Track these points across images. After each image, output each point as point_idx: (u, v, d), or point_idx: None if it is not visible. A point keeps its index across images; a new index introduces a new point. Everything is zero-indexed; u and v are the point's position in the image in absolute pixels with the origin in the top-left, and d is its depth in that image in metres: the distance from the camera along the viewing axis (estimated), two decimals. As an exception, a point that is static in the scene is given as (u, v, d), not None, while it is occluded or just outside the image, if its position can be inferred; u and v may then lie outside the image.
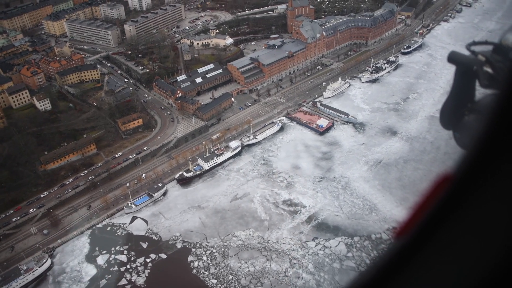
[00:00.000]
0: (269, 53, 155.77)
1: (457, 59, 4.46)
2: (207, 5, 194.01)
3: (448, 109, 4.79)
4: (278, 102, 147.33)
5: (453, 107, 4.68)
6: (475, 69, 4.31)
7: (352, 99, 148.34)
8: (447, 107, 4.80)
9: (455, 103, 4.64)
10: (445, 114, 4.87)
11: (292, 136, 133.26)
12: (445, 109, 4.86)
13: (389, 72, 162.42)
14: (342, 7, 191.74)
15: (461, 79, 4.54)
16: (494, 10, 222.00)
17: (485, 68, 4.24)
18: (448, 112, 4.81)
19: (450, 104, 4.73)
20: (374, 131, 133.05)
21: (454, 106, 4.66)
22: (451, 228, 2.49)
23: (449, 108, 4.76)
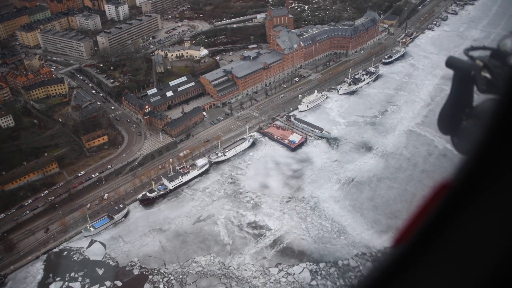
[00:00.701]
0: (244, 65, 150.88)
1: (455, 64, 4.49)
2: (185, 15, 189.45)
3: (446, 114, 4.79)
4: (251, 116, 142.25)
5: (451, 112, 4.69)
6: (473, 74, 4.31)
7: (328, 113, 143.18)
8: (445, 112, 4.80)
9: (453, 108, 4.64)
10: (443, 119, 4.86)
11: (263, 152, 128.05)
12: (443, 114, 4.85)
13: (368, 83, 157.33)
14: (323, 16, 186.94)
15: (459, 84, 4.56)
16: (480, 18, 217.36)
17: (483, 74, 4.25)
18: (446, 117, 4.79)
19: (448, 109, 4.74)
20: (348, 147, 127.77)
21: (452, 111, 4.67)
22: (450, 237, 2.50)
23: (447, 113, 4.77)
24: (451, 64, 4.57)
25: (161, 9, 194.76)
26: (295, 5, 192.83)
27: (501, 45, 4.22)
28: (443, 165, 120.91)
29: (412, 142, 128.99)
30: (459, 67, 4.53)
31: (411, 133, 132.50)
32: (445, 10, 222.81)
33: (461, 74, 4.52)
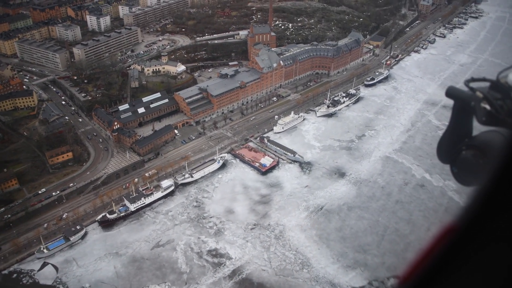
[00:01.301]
0: (220, 83, 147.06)
1: (455, 94, 4.55)
2: (167, 29, 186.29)
3: (446, 143, 4.87)
4: (224, 136, 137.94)
5: (450, 141, 4.77)
6: (473, 105, 4.37)
7: (303, 135, 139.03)
8: (445, 141, 4.89)
9: (453, 138, 4.73)
10: (443, 148, 4.94)
11: (232, 175, 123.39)
12: (442, 143, 4.94)
13: (348, 105, 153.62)
14: (307, 34, 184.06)
15: (458, 114, 4.61)
16: (468, 42, 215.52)
17: (483, 105, 4.30)
18: (445, 146, 4.87)
19: (448, 138, 4.82)
20: (321, 172, 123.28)
21: (451, 140, 4.76)
22: (454, 279, 2.57)
23: (446, 142, 4.85)
24: (451, 94, 4.58)
25: (143, 22, 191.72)
26: (279, 22, 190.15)
27: (501, 77, 4.32)
28: (420, 196, 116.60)
29: (388, 169, 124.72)
30: (459, 97, 4.52)
31: (387, 160, 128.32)
32: (433, 33, 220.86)
33: (461, 104, 4.52)
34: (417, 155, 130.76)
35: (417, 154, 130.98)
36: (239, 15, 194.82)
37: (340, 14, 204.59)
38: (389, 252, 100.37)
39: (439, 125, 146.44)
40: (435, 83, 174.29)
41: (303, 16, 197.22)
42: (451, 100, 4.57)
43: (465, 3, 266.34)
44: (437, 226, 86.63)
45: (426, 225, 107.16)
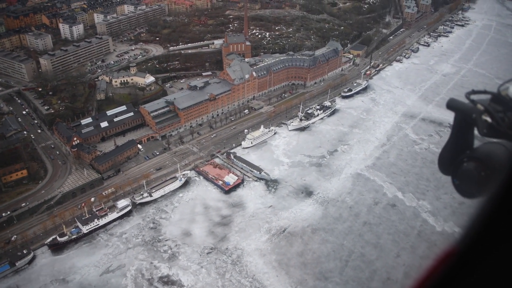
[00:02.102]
0: (189, 96, 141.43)
1: (456, 106, 4.59)
2: (141, 38, 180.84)
3: (447, 154, 4.88)
4: (190, 151, 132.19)
5: (451, 153, 4.81)
6: (474, 117, 4.43)
7: (273, 150, 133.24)
8: (446, 152, 4.91)
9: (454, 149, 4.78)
10: (444, 159, 4.94)
11: (194, 194, 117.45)
12: (443, 154, 4.95)
13: (322, 118, 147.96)
14: (284, 44, 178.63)
15: (459, 126, 4.67)
16: (453, 51, 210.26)
17: (484, 117, 4.37)
18: (447, 158, 4.88)
19: (449, 150, 4.85)
20: (287, 191, 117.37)
21: (452, 152, 4.80)
22: None
23: (448, 153, 4.87)
24: (452, 106, 4.62)
25: (117, 31, 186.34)
26: (256, 31, 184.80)
27: (502, 90, 4.41)
28: (390, 217, 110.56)
29: (358, 187, 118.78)
30: (460, 110, 4.56)
31: (358, 177, 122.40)
32: (417, 41, 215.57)
33: (462, 116, 4.57)
34: (391, 172, 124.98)
35: (391, 171, 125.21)
36: (215, 24, 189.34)
37: (320, 22, 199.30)
38: (352, 280, 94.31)
39: (416, 139, 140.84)
40: (415, 94, 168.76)
41: (281, 25, 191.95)
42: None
43: (451, 11, 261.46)
44: (407, 252, 78.72)
45: (395, 250, 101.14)
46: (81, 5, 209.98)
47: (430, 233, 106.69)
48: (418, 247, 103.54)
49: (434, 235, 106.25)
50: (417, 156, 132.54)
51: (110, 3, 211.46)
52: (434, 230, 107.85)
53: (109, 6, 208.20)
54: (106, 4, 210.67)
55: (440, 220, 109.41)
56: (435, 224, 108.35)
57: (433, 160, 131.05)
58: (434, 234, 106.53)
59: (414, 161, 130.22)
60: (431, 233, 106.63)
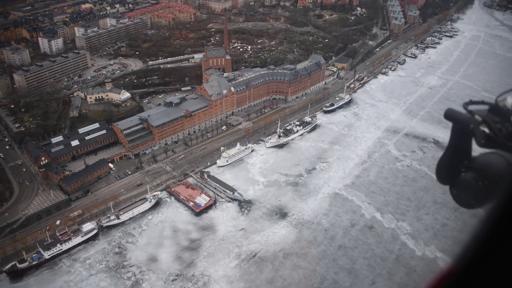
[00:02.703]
0: (163, 112, 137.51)
1: (453, 117, 4.64)
2: (121, 52, 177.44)
3: (445, 164, 4.92)
4: (163, 170, 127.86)
5: (449, 163, 4.84)
6: (472, 128, 4.48)
7: (249, 169, 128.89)
8: (444, 162, 4.95)
9: (452, 159, 4.81)
10: (442, 169, 4.97)
11: (163, 216, 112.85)
12: (441, 164, 4.99)
13: (302, 135, 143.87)
14: (266, 57, 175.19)
15: (457, 136, 4.71)
16: (440, 63, 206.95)
17: (482, 128, 4.42)
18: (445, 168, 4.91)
19: (447, 160, 4.89)
20: (260, 212, 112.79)
21: (450, 161, 4.83)
22: None
23: (446, 163, 4.91)
24: (450, 116, 4.67)
25: (97, 45, 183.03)
26: (238, 45, 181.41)
27: (499, 101, 4.46)
28: (367, 240, 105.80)
29: (334, 208, 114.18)
30: (458, 120, 4.61)
31: (336, 197, 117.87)
32: (404, 53, 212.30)
33: (460, 126, 4.61)
34: (370, 191, 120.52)
35: (370, 190, 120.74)
36: (196, 37, 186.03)
37: (304, 35, 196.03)
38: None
39: (398, 156, 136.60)
40: (399, 108, 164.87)
41: (264, 38, 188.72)
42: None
43: (440, 22, 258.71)
44: (383, 279, 72.52)
45: (370, 276, 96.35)
46: (64, 19, 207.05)
47: (409, 258, 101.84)
48: (395, 273, 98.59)
49: (413, 260, 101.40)
50: (399, 174, 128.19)
51: (93, 16, 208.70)
52: (413, 254, 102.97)
53: (91, 20, 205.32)
54: (89, 17, 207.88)
55: (420, 244, 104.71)
56: (415, 248, 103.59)
57: (415, 178, 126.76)
58: (414, 259, 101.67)
59: (395, 179, 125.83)
60: (410, 258, 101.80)
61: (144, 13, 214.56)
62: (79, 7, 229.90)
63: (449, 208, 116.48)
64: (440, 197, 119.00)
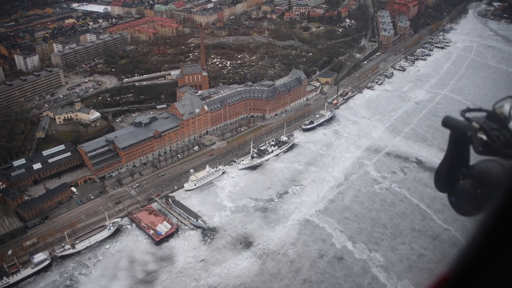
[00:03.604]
0: (131, 133, 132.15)
1: (451, 124, 4.65)
2: (97, 69, 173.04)
3: (443, 172, 4.91)
4: (127, 195, 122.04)
5: (447, 170, 4.83)
6: (469, 135, 4.49)
7: (217, 193, 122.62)
8: (442, 169, 4.92)
9: (450, 167, 4.79)
10: (440, 176, 4.97)
11: (122, 245, 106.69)
12: (439, 172, 4.97)
13: (277, 155, 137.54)
14: (246, 73, 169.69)
15: (455, 144, 4.71)
16: (429, 76, 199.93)
17: (479, 135, 4.45)
18: (443, 175, 4.91)
19: (445, 167, 4.87)
20: (224, 241, 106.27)
21: (448, 169, 4.81)
22: None
23: (444, 171, 4.89)
24: (448, 124, 4.68)
25: (73, 62, 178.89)
26: (217, 60, 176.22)
27: (497, 108, 4.48)
28: (335, 273, 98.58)
29: (303, 237, 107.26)
30: (456, 127, 4.62)
31: (306, 224, 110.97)
32: (392, 66, 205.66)
33: (458, 134, 4.62)
34: (343, 217, 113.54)
35: (343, 216, 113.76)
36: (174, 53, 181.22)
37: (286, 49, 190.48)
38: None
39: (377, 177, 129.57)
40: (383, 125, 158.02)
41: (244, 52, 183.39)
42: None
43: (432, 33, 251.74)
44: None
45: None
46: (44, 35, 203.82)
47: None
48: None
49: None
50: (376, 198, 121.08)
51: (73, 32, 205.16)
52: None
53: (71, 35, 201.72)
54: (70, 33, 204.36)
55: (393, 277, 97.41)
56: (387, 282, 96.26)
57: (393, 202, 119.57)
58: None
59: (371, 204, 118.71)
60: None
61: (126, 28, 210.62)
62: (62, 23, 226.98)
63: (428, 236, 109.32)
64: (418, 223, 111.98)
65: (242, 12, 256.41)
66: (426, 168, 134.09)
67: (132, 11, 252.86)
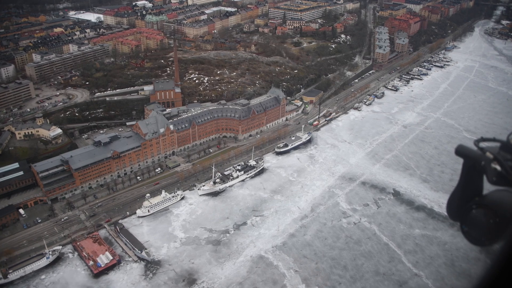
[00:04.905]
0: (88, 153, 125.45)
1: (465, 153, 4.67)
2: (71, 82, 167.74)
3: (455, 200, 4.91)
4: (77, 219, 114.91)
5: (460, 199, 4.83)
6: (483, 165, 4.50)
7: (171, 221, 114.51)
8: (455, 198, 4.92)
9: (462, 196, 4.79)
10: (452, 205, 4.96)
11: (58, 276, 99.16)
12: (452, 201, 4.97)
13: (244, 180, 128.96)
14: (223, 90, 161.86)
15: (468, 173, 4.69)
16: (423, 97, 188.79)
17: (493, 165, 4.44)
18: (456, 204, 4.91)
19: (458, 196, 4.87)
20: (166, 277, 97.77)
21: (461, 198, 4.81)
22: None
23: (457, 199, 4.89)
24: (461, 152, 4.67)
25: (49, 73, 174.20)
26: (195, 76, 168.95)
27: (511, 138, 4.50)
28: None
29: (253, 276, 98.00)
30: (469, 157, 4.60)
31: (259, 262, 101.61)
32: (384, 85, 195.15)
33: (471, 163, 4.60)
34: (301, 255, 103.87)
35: (302, 254, 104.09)
36: (152, 67, 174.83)
37: (270, 65, 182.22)
38: None
39: (347, 210, 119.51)
40: (363, 150, 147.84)
41: (225, 68, 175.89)
42: None
43: (432, 51, 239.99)
44: None
45: None
46: (28, 44, 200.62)
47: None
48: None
49: None
50: (341, 234, 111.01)
51: (57, 42, 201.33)
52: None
53: (54, 45, 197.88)
54: (53, 43, 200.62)
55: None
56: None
57: (359, 239, 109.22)
58: None
59: (335, 241, 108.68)
60: None
61: (111, 38, 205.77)
62: (50, 31, 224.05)
63: (393, 281, 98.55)
64: (384, 266, 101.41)
65: (235, 24, 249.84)
66: (403, 201, 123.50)
67: (124, 21, 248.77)
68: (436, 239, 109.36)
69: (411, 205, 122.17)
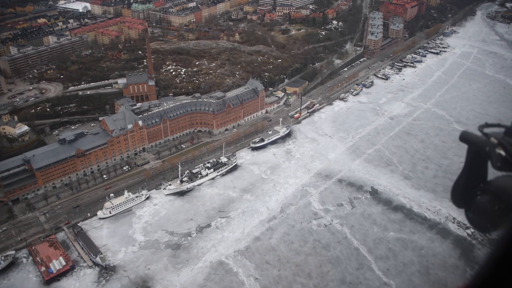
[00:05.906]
0: (52, 152, 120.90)
1: (468, 139, 4.63)
2: (46, 75, 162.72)
3: (460, 187, 4.86)
4: (36, 221, 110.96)
5: (464, 186, 4.80)
6: (488, 151, 4.46)
7: (132, 224, 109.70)
8: (459, 185, 4.88)
9: (467, 182, 4.76)
10: (457, 192, 4.91)
11: (8, 283, 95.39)
12: (456, 187, 4.92)
13: (214, 178, 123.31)
14: (200, 82, 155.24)
15: (473, 159, 4.67)
16: (414, 86, 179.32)
17: (498, 151, 4.40)
18: (460, 190, 4.86)
19: (462, 182, 4.83)
20: (120, 284, 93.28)
21: (466, 184, 4.78)
22: None
23: (461, 186, 4.85)
24: (465, 139, 4.65)
25: (24, 67, 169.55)
26: (172, 68, 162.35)
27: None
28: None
29: (210, 284, 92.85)
30: (473, 143, 4.57)
31: (218, 268, 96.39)
32: (374, 74, 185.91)
33: (476, 149, 4.57)
34: (264, 261, 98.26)
35: (264, 260, 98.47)
36: (128, 59, 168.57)
37: (252, 55, 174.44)
38: None
39: (319, 211, 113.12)
40: (344, 144, 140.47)
41: (204, 59, 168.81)
42: None
43: (429, 37, 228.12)
44: None
45: None
46: (8, 35, 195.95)
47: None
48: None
49: None
50: (309, 237, 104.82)
51: (37, 33, 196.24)
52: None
53: (34, 37, 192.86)
54: (34, 35, 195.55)
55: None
56: None
57: (328, 243, 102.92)
58: None
59: (301, 245, 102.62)
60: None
61: (93, 29, 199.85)
62: (33, 22, 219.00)
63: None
64: (351, 274, 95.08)
65: (223, 12, 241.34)
66: (380, 201, 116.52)
67: (111, 10, 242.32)
68: (411, 243, 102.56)
69: (389, 205, 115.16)
